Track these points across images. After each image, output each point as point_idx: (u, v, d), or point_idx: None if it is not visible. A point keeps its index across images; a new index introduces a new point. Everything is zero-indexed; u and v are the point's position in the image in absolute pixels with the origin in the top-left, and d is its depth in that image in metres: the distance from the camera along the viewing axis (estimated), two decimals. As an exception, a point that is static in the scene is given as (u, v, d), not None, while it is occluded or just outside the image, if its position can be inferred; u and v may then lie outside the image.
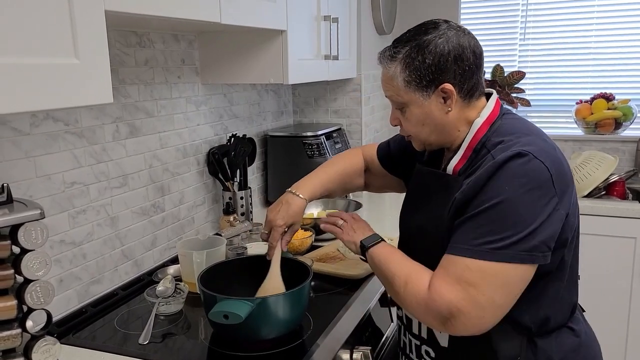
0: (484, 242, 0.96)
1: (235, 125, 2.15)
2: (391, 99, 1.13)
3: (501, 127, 1.09)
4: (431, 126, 1.11)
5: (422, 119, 1.10)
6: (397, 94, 1.10)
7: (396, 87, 1.10)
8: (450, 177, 1.12)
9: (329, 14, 2.08)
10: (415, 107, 1.10)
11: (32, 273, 0.99)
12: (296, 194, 1.33)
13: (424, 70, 1.06)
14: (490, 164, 1.00)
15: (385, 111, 3.03)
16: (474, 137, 1.09)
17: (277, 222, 1.30)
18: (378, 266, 1.16)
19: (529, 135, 1.05)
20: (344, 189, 1.48)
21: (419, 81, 1.07)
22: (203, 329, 1.32)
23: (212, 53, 1.87)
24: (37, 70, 0.84)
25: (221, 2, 1.34)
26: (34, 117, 1.28)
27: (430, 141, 1.15)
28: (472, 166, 1.07)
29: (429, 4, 3.07)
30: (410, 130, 1.15)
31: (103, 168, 1.50)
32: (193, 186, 1.90)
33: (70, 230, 1.40)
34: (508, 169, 0.98)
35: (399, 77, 1.08)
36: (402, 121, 1.15)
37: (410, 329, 1.23)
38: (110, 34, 1.46)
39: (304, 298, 1.24)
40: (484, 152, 1.06)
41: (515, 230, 0.95)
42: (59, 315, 1.37)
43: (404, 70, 1.08)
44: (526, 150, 0.98)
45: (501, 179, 0.98)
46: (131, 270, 1.63)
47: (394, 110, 1.17)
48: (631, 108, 2.78)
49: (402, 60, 1.08)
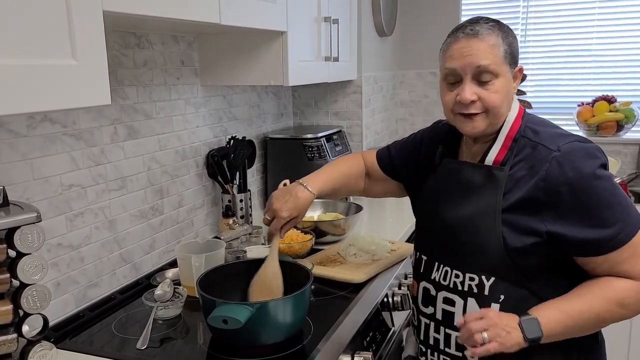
0: (625, 212, 1.06)
1: (235, 127, 2.14)
2: (487, 68, 1.11)
3: (531, 119, 1.17)
4: (507, 103, 1.15)
5: (505, 93, 1.13)
6: (496, 63, 1.11)
7: (496, 56, 1.11)
8: (493, 168, 1.15)
9: (330, 15, 2.07)
10: (504, 80, 1.13)
11: (28, 277, 0.98)
12: (307, 188, 1.33)
13: (514, 48, 1.14)
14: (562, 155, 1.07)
15: (386, 113, 3.02)
16: (511, 128, 1.15)
17: (283, 213, 1.30)
18: (571, 328, 1.08)
19: (557, 127, 1.16)
20: (347, 190, 1.49)
21: (512, 56, 1.13)
22: (202, 333, 1.31)
23: (211, 54, 1.86)
24: (34, 72, 0.83)
25: (221, 3, 1.33)
26: (31, 118, 1.27)
27: (499, 120, 1.15)
28: (515, 155, 1.13)
29: (430, 6, 3.07)
30: (495, 102, 1.12)
31: (101, 170, 1.48)
32: (192, 189, 1.89)
33: (67, 233, 1.39)
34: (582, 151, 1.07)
35: (501, 47, 1.11)
36: (483, 95, 1.12)
37: (451, 323, 1.20)
38: (108, 35, 1.44)
39: (304, 302, 1.22)
40: (524, 142, 1.13)
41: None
42: (55, 320, 1.35)
43: (503, 43, 1.11)
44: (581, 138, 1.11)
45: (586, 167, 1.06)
46: (129, 273, 1.61)
47: (471, 85, 1.13)
48: (633, 110, 2.77)
49: (500, 33, 1.12)
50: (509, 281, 1.12)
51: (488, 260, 1.13)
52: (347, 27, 2.34)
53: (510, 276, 1.12)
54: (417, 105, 3.21)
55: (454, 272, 1.19)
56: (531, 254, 1.10)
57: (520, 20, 2.97)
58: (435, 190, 1.28)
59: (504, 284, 1.13)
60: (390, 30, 2.88)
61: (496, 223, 1.11)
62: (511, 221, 1.10)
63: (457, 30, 1.15)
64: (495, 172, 1.14)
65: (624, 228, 1.05)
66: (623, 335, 2.41)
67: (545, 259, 1.11)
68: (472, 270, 1.16)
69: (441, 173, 1.27)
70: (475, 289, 1.16)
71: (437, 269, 1.23)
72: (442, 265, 1.22)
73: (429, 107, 3.17)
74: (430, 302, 1.25)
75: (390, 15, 2.87)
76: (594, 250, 1.07)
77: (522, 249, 1.09)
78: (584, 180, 1.05)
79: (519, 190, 1.10)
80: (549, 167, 1.07)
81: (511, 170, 1.12)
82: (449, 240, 1.21)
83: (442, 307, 1.22)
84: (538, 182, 1.07)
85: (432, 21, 3.08)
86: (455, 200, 1.21)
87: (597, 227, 1.05)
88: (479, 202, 1.15)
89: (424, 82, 3.17)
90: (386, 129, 3.04)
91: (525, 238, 1.09)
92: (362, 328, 1.35)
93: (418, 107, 3.21)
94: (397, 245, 1.77)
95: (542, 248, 1.09)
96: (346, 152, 2.46)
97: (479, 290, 1.15)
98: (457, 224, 1.19)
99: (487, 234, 1.12)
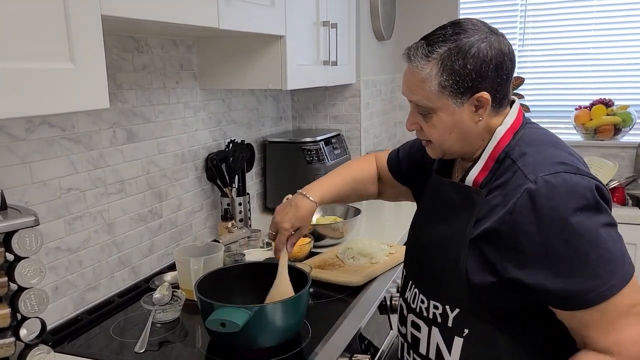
0: (604, 268, 0.90)
1: (234, 130, 2.14)
2: (417, 103, 1.03)
3: (526, 136, 1.03)
4: (458, 135, 1.03)
5: (450, 127, 1.02)
6: (427, 99, 1.00)
7: (427, 90, 1.00)
8: (472, 189, 1.04)
9: (328, 20, 2.07)
10: (445, 115, 1.01)
11: (26, 281, 0.98)
12: (307, 197, 1.29)
13: (464, 75, 0.97)
14: (533, 191, 0.92)
15: (385, 117, 3.03)
16: (496, 147, 1.02)
17: (284, 225, 1.27)
18: None
19: (553, 147, 1.00)
20: (357, 195, 1.43)
21: (456, 87, 0.98)
22: (200, 337, 1.31)
23: (210, 58, 1.86)
24: (33, 75, 0.84)
25: (219, 7, 1.33)
26: (29, 122, 1.27)
27: (452, 150, 1.07)
28: (495, 178, 1.00)
29: (428, 11, 3.07)
30: (433, 137, 1.05)
31: (100, 174, 1.49)
32: (191, 192, 1.89)
33: (66, 236, 1.39)
34: (556, 189, 0.91)
35: (433, 80, 0.98)
36: (424, 127, 1.06)
37: (417, 349, 1.14)
38: (107, 39, 1.45)
39: (302, 305, 1.22)
40: (508, 163, 1.00)
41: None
42: (54, 323, 1.35)
43: (440, 74, 0.98)
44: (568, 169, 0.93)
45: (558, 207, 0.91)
46: (128, 277, 1.61)
47: (414, 114, 1.07)
48: (630, 114, 2.78)
49: (439, 61, 0.98)
50: (475, 316, 1.02)
51: (452, 290, 1.04)
52: (346, 32, 2.35)
53: (476, 311, 1.01)
54: (416, 109, 3.21)
55: (420, 296, 1.12)
56: (493, 293, 0.99)
57: (518, 24, 2.98)
58: (423, 205, 1.23)
59: (469, 317, 1.03)
60: (388, 35, 2.89)
61: (462, 252, 1.01)
62: (476, 253, 0.99)
63: (408, 49, 1.04)
64: (473, 195, 1.03)
65: (598, 287, 0.89)
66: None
67: (511, 301, 0.99)
68: (436, 298, 1.08)
69: (428, 188, 1.21)
70: (439, 318, 1.07)
71: (410, 288, 1.18)
72: (414, 286, 1.16)
73: (428, 111, 3.17)
74: (403, 322, 1.20)
75: (388, 19, 2.88)
76: (559, 303, 0.93)
77: (483, 285, 0.99)
78: (554, 222, 0.90)
79: (490, 219, 0.98)
80: (519, 199, 0.93)
81: (489, 195, 1.00)
82: (421, 261, 1.15)
83: (410, 331, 1.17)
84: (505, 215, 0.94)
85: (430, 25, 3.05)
86: (433, 218, 1.13)
87: (564, 276, 0.91)
88: (453, 225, 1.05)
89: (422, 86, 3.17)
90: (385, 132, 3.05)
91: (487, 275, 0.98)
92: (360, 331, 1.35)
93: (416, 111, 3.21)
94: (395, 249, 1.77)
95: (503, 290, 0.97)
96: (345, 156, 2.46)
97: (442, 320, 1.07)
98: (429, 244, 1.12)
99: (452, 261, 1.02)
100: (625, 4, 2.76)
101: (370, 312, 1.42)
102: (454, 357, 1.07)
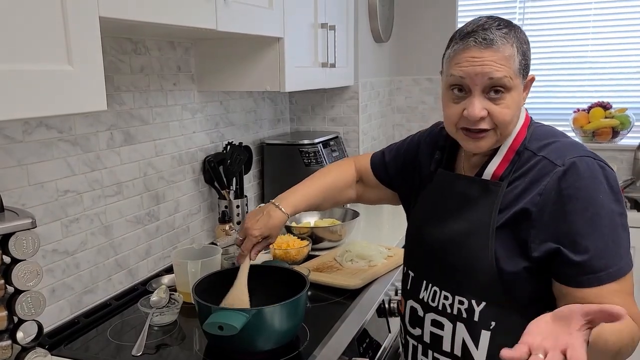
0: (616, 253, 0.97)
1: (232, 133, 2.14)
2: (500, 82, 1.00)
3: (537, 130, 1.09)
4: (517, 117, 1.06)
5: (516, 107, 1.05)
6: (510, 76, 1.01)
7: (511, 68, 1.01)
8: (490, 182, 1.06)
9: (327, 22, 2.07)
10: (516, 94, 1.03)
11: (22, 283, 0.97)
12: (279, 207, 1.28)
13: (528, 56, 1.05)
14: (562, 171, 0.99)
15: (383, 119, 3.03)
16: (515, 139, 1.07)
17: (253, 232, 1.26)
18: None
19: (567, 137, 1.07)
20: (332, 202, 1.41)
21: (526, 67, 1.04)
22: (197, 340, 1.30)
23: (208, 60, 1.86)
24: (30, 77, 0.83)
25: (217, 9, 1.33)
26: (26, 124, 1.27)
27: (505, 135, 1.06)
28: (516, 169, 1.05)
29: (427, 13, 3.08)
30: (506, 118, 1.03)
31: (97, 176, 1.48)
32: (188, 194, 1.88)
33: (63, 239, 1.38)
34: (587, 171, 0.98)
35: (515, 58, 1.01)
36: (494, 110, 1.02)
37: (439, 347, 1.13)
38: (105, 41, 1.44)
39: (300, 309, 1.22)
40: (528, 155, 1.04)
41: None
42: (50, 326, 1.34)
43: (518, 52, 1.02)
44: (587, 154, 1.01)
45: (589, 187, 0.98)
46: (125, 280, 1.61)
47: (480, 100, 1.02)
48: (628, 117, 2.78)
49: (515, 41, 1.02)
50: (502, 307, 1.04)
51: (479, 283, 1.05)
52: (344, 34, 2.35)
53: (503, 302, 1.04)
54: (414, 111, 3.22)
55: (442, 293, 1.12)
56: (524, 280, 1.02)
57: (516, 26, 2.98)
58: (429, 202, 1.22)
59: (495, 309, 1.05)
60: (387, 37, 2.89)
61: (489, 242, 1.03)
62: (505, 240, 1.02)
63: (468, 36, 1.02)
64: (492, 187, 1.05)
65: (610, 267, 0.95)
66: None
67: (538, 287, 1.03)
68: (461, 293, 1.08)
69: (435, 185, 1.20)
70: (464, 313, 1.08)
71: (426, 288, 1.16)
72: (431, 284, 1.15)
73: (426, 113, 3.18)
74: (417, 323, 1.19)
75: (386, 21, 2.88)
76: (572, 275, 0.97)
77: (514, 273, 1.01)
78: (579, 201, 0.96)
79: (516, 205, 1.02)
80: (549, 181, 0.99)
81: (510, 186, 1.04)
82: (439, 258, 1.14)
83: (430, 330, 1.15)
84: (535, 196, 1.00)
85: (428, 28, 3.09)
86: (447, 215, 1.13)
87: (584, 252, 0.96)
88: (472, 219, 1.07)
89: (420, 88, 3.18)
90: (383, 134, 3.05)
91: (518, 261, 1.01)
92: (359, 334, 1.34)
93: (414, 113, 3.22)
94: (393, 252, 1.77)
95: (533, 275, 1.01)
96: (343, 158, 2.46)
97: (468, 315, 1.07)
98: (448, 240, 1.11)
99: (479, 254, 1.04)
100: (623, 7, 2.77)
101: (368, 315, 1.42)
102: (481, 350, 1.07)
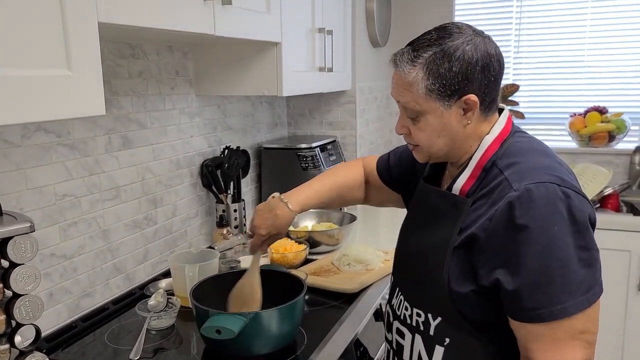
0: (563, 289, 0.90)
1: (229, 137, 2.14)
2: (405, 106, 1.03)
3: (514, 145, 1.03)
4: (446, 139, 1.03)
5: (439, 130, 1.02)
6: (415, 102, 1.00)
7: (415, 94, 1.00)
8: (458, 198, 1.04)
9: (324, 27, 2.08)
10: (433, 117, 1.01)
11: (21, 287, 0.97)
12: (287, 205, 1.29)
13: (450, 78, 0.97)
14: (514, 199, 0.92)
15: (380, 123, 3.03)
16: (483, 155, 1.02)
17: (261, 231, 1.28)
18: None
19: (540, 157, 1.00)
20: (341, 201, 1.42)
21: (443, 90, 0.98)
22: (195, 344, 1.30)
23: (206, 65, 1.86)
24: (29, 82, 0.84)
25: (215, 14, 1.34)
26: (25, 128, 1.27)
27: (439, 154, 1.07)
28: (482, 187, 1.00)
29: (424, 18, 3.08)
30: (421, 140, 1.05)
31: (95, 180, 1.48)
32: (186, 198, 1.89)
33: (61, 243, 1.38)
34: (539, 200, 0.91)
35: (420, 84, 0.99)
36: (412, 130, 1.06)
37: (401, 356, 1.14)
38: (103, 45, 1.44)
39: (297, 312, 1.22)
40: (495, 172, 0.99)
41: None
42: (48, 330, 1.34)
43: (426, 77, 0.98)
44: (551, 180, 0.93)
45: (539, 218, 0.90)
46: (122, 284, 1.61)
47: (403, 118, 1.07)
48: (624, 121, 2.79)
49: (424, 65, 0.98)
50: (455, 326, 1.02)
51: (434, 298, 1.04)
52: (342, 38, 2.35)
53: (457, 321, 1.02)
54: (411, 116, 3.22)
55: (405, 303, 1.12)
56: (473, 303, 0.99)
57: (513, 32, 3.00)
58: (411, 212, 1.23)
59: (450, 327, 1.03)
60: (384, 41, 2.90)
61: (445, 261, 1.00)
62: (458, 261, 1.00)
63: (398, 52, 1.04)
64: (459, 203, 1.02)
65: (552, 305, 0.89)
66: (617, 348, 2.42)
67: (487, 311, 0.99)
68: (419, 306, 1.08)
69: (416, 195, 1.21)
70: (421, 326, 1.07)
71: (397, 295, 1.17)
72: (400, 293, 1.16)
73: (423, 117, 3.18)
74: (389, 328, 1.20)
75: (384, 26, 2.89)
76: (512, 310, 0.94)
77: (464, 295, 0.99)
78: (528, 232, 0.90)
79: (472, 227, 0.98)
80: (500, 206, 0.93)
81: (474, 204, 1.00)
82: (406, 267, 1.15)
83: (395, 338, 1.16)
84: (485, 221, 0.95)
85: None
86: (421, 227, 1.13)
87: (524, 286, 0.91)
88: (437, 234, 1.05)
89: (417, 93, 3.18)
90: (380, 138, 3.05)
91: (467, 284, 0.99)
92: (356, 338, 1.35)
93: (412, 117, 3.22)
94: (390, 256, 1.77)
95: (482, 299, 0.98)
96: (340, 162, 2.46)
97: (424, 328, 1.07)
98: (415, 253, 1.12)
99: (435, 270, 1.02)
100: (620, 12, 2.78)
101: (366, 319, 1.42)
102: None
